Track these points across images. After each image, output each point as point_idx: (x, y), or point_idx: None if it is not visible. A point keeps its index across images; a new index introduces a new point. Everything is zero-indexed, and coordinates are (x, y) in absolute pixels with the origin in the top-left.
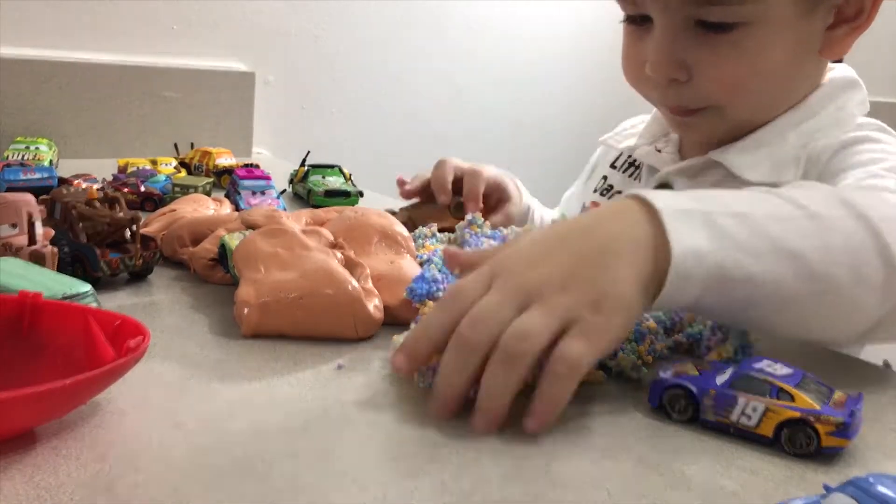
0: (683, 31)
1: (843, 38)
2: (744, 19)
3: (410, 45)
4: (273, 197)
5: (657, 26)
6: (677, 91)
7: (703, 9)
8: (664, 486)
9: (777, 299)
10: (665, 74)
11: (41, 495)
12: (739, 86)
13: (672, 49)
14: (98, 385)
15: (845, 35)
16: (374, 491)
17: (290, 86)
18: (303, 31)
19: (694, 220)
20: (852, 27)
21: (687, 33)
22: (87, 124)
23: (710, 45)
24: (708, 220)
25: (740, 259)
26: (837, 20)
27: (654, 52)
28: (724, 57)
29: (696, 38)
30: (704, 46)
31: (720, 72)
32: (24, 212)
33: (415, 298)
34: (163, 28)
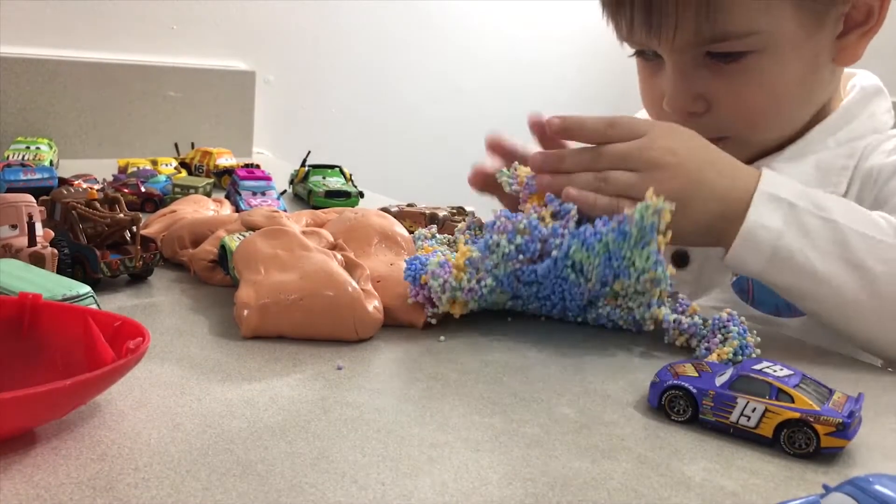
0: (695, 66)
1: (855, 43)
2: (753, 48)
3: (410, 45)
4: (273, 198)
5: (668, 65)
6: (697, 123)
7: (712, 45)
8: (664, 486)
9: (837, 302)
10: (683, 108)
11: (41, 495)
12: (758, 111)
13: (687, 84)
14: (98, 386)
15: (857, 40)
16: (373, 491)
17: (290, 85)
18: (303, 30)
19: (779, 207)
20: (863, 31)
21: (699, 66)
22: (88, 124)
23: (723, 75)
24: (792, 211)
25: (807, 252)
26: (848, 27)
27: (671, 88)
28: (740, 85)
29: (709, 69)
30: (718, 77)
31: (737, 100)
32: (24, 213)
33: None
34: (163, 28)
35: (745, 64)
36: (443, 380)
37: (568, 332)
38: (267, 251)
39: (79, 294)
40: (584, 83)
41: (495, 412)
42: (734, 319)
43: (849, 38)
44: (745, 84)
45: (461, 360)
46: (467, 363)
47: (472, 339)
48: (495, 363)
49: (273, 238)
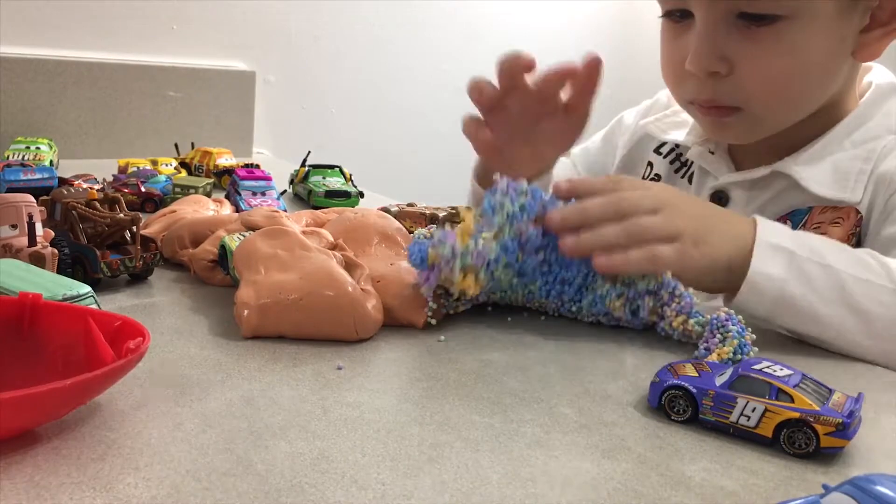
0: (725, 24)
1: (877, 41)
2: (786, 12)
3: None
4: (273, 198)
5: (699, 19)
6: (715, 85)
7: (746, 0)
8: (664, 485)
9: (839, 342)
10: (706, 67)
11: (41, 495)
12: (779, 80)
13: (714, 42)
14: (98, 386)
15: (879, 38)
16: (373, 491)
17: (290, 86)
18: (303, 31)
19: (780, 255)
20: (886, 31)
21: (728, 26)
22: (88, 124)
23: (751, 38)
24: (793, 259)
25: (809, 298)
26: (872, 23)
27: (696, 44)
28: (766, 50)
29: (738, 31)
30: (746, 40)
31: (761, 65)
32: (25, 212)
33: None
34: (163, 28)
35: (775, 29)
36: (443, 380)
37: (568, 332)
38: (267, 251)
39: (79, 294)
40: None
41: (495, 412)
42: (732, 318)
43: (871, 35)
44: (772, 49)
45: (461, 360)
46: (467, 363)
47: (472, 339)
48: (495, 363)
49: (273, 238)
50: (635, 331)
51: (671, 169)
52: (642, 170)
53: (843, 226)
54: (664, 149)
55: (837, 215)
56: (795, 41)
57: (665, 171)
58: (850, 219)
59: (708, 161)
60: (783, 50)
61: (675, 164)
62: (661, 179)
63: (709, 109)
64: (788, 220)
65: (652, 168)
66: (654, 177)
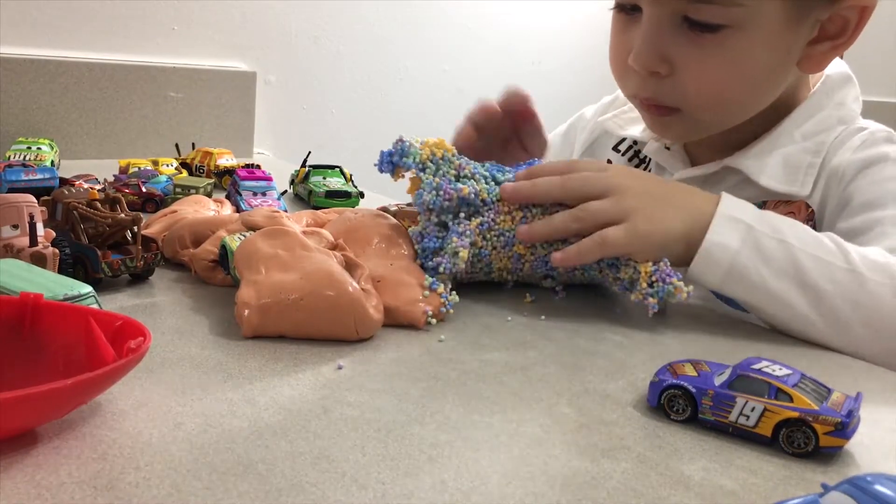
0: (670, 26)
1: (823, 54)
2: (731, 22)
3: (410, 45)
4: (274, 198)
5: (645, 17)
6: (656, 84)
7: (693, 6)
8: (663, 485)
9: (789, 316)
10: (647, 66)
11: (42, 494)
12: (718, 87)
13: (657, 42)
14: (99, 386)
15: (826, 52)
16: (373, 490)
17: (291, 86)
18: (303, 31)
19: (738, 227)
20: (834, 45)
21: (674, 28)
22: (89, 125)
23: (694, 43)
24: (750, 232)
25: (761, 270)
26: (821, 36)
27: (640, 42)
28: (708, 56)
29: (683, 34)
30: (689, 44)
31: (702, 70)
32: (26, 213)
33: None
34: (164, 28)
35: (719, 37)
36: (443, 380)
37: (568, 332)
38: (267, 251)
39: (80, 294)
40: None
41: (495, 412)
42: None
43: (818, 48)
44: (714, 56)
45: (461, 360)
46: (467, 363)
47: (472, 339)
48: (495, 363)
49: (274, 238)
50: (635, 330)
51: (629, 166)
52: None
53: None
54: (622, 145)
55: (789, 209)
56: (738, 50)
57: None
58: (802, 213)
59: (663, 157)
60: (725, 58)
61: (633, 161)
62: None
63: (649, 107)
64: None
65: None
66: None
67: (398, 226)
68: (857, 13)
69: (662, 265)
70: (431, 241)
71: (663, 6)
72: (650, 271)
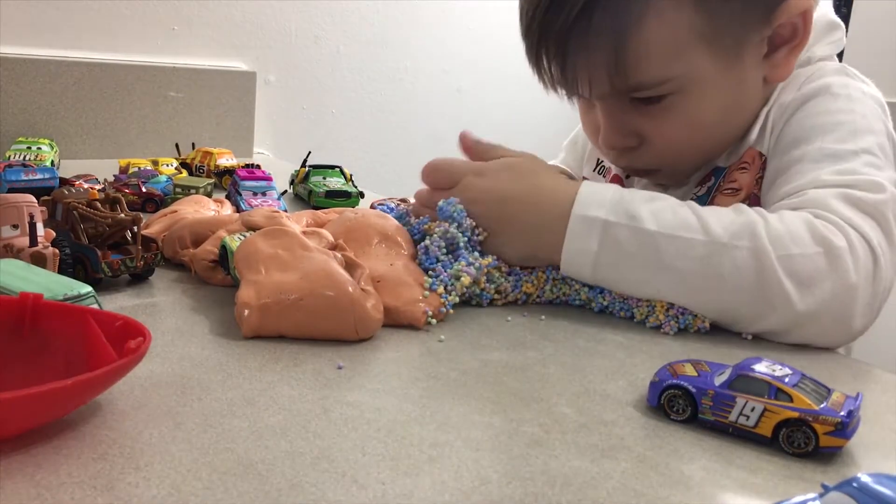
0: (622, 107)
1: (784, 58)
2: (670, 91)
3: (410, 45)
4: (274, 198)
5: (599, 109)
6: (631, 156)
7: (631, 92)
8: (663, 485)
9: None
10: (617, 145)
11: (42, 494)
12: (684, 144)
13: (617, 124)
14: (99, 386)
15: (786, 56)
16: (373, 490)
17: (291, 86)
18: (303, 31)
19: (593, 228)
20: (791, 46)
21: (626, 107)
22: (89, 125)
23: (649, 115)
24: (606, 230)
25: (621, 264)
26: (774, 45)
27: (603, 128)
28: (664, 122)
29: (636, 109)
30: (644, 116)
31: (664, 135)
32: (26, 213)
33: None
34: (164, 28)
35: (666, 104)
36: (443, 380)
37: (568, 332)
38: (267, 251)
39: (80, 294)
40: None
41: (495, 412)
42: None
43: (777, 56)
44: (669, 121)
45: (461, 360)
46: (467, 363)
47: (472, 339)
48: (495, 363)
49: (274, 238)
50: (635, 331)
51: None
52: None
53: (750, 170)
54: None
55: (742, 161)
56: (688, 109)
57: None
58: (756, 162)
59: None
60: (679, 119)
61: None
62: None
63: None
64: (712, 176)
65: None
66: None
67: (398, 226)
68: (800, 17)
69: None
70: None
71: (607, 99)
72: (666, 304)
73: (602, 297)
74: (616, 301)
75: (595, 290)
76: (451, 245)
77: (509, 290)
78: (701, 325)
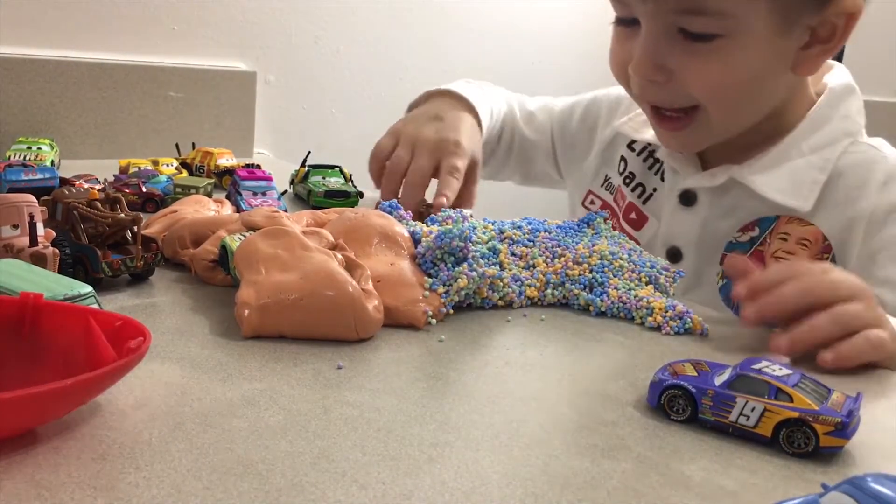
0: (667, 37)
1: (815, 57)
2: (723, 31)
3: (410, 45)
4: (274, 198)
5: (643, 30)
6: (656, 91)
7: (686, 18)
8: (663, 485)
9: None
10: (646, 75)
11: (42, 494)
12: (716, 90)
13: (655, 52)
14: (99, 385)
15: (818, 55)
16: (373, 490)
17: (290, 86)
18: (303, 31)
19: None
20: (825, 48)
21: (670, 39)
22: (89, 124)
23: (690, 51)
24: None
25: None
26: (812, 41)
27: (639, 53)
28: (703, 63)
29: (678, 44)
30: (685, 53)
31: (698, 76)
32: (26, 212)
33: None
34: (164, 28)
35: (712, 45)
36: (443, 380)
37: (568, 332)
38: (267, 251)
39: (80, 294)
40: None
41: (495, 412)
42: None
43: (810, 52)
44: (708, 63)
45: (461, 360)
46: (467, 363)
47: (472, 339)
48: (495, 363)
49: (274, 238)
50: (635, 331)
51: (645, 166)
52: (616, 165)
53: (810, 249)
54: (636, 144)
55: (804, 236)
56: (731, 57)
57: (639, 169)
58: (817, 244)
59: (676, 160)
60: (719, 64)
61: (648, 161)
62: (636, 177)
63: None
64: (757, 226)
65: (626, 164)
66: (628, 174)
67: (398, 226)
68: (844, 19)
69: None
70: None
71: (659, 19)
72: (664, 307)
73: (601, 300)
74: (614, 305)
75: (594, 294)
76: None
77: (515, 298)
78: (701, 327)
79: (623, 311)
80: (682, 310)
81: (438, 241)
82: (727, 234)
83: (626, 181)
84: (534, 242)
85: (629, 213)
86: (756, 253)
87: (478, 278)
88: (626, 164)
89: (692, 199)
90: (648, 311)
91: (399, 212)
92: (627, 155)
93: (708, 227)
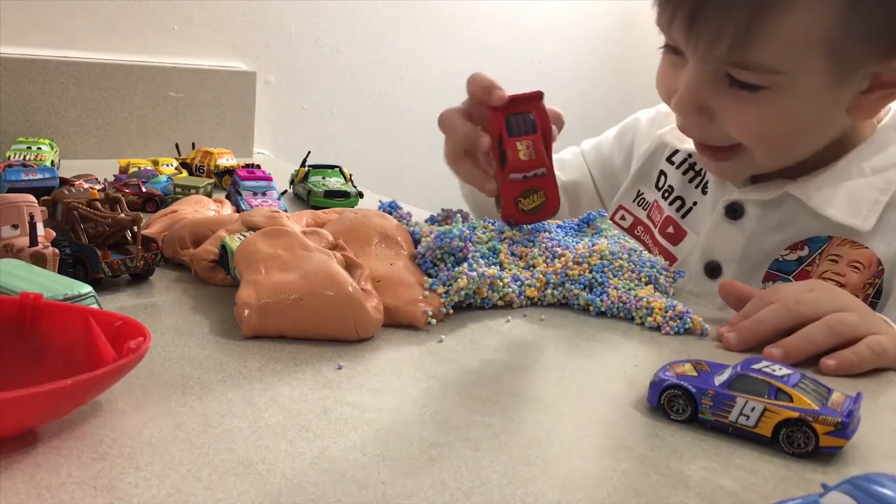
0: (712, 79)
1: (875, 102)
2: (771, 85)
3: (410, 45)
4: (274, 198)
5: (689, 68)
6: (699, 128)
7: (735, 69)
8: (663, 485)
9: None
10: (686, 114)
11: (42, 494)
12: (759, 137)
13: (698, 93)
14: (99, 385)
15: (878, 99)
16: (373, 490)
17: (290, 86)
18: (303, 31)
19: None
20: (887, 93)
21: (716, 82)
22: (89, 125)
23: (735, 97)
24: None
25: None
26: (873, 86)
27: (682, 90)
28: (747, 112)
29: (724, 87)
30: (730, 97)
31: (741, 122)
32: (26, 212)
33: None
34: (164, 28)
35: (759, 96)
36: (443, 380)
37: (568, 332)
38: (267, 251)
39: (80, 294)
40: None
41: (495, 412)
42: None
43: (871, 97)
44: (751, 113)
45: (461, 360)
46: (467, 363)
47: (472, 339)
48: (495, 363)
49: (274, 238)
50: (635, 331)
51: (685, 179)
52: (655, 179)
53: (862, 273)
54: (676, 157)
55: (857, 259)
56: (777, 108)
57: (678, 182)
58: (871, 268)
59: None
60: (764, 115)
61: (688, 175)
62: (675, 190)
63: (703, 150)
64: (806, 245)
65: (666, 178)
66: (667, 188)
67: (398, 226)
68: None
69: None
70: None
71: (706, 63)
72: (664, 307)
73: (601, 300)
74: (614, 305)
75: (594, 294)
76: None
77: (515, 298)
78: (701, 327)
79: (623, 311)
80: (682, 310)
81: (438, 241)
82: (774, 251)
83: (665, 195)
84: (534, 242)
85: (666, 228)
86: (802, 273)
87: (478, 278)
88: (666, 178)
89: (739, 212)
90: (648, 311)
91: (399, 212)
92: (667, 168)
93: (753, 242)
